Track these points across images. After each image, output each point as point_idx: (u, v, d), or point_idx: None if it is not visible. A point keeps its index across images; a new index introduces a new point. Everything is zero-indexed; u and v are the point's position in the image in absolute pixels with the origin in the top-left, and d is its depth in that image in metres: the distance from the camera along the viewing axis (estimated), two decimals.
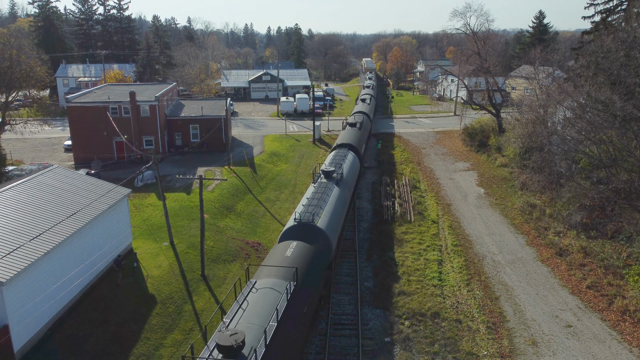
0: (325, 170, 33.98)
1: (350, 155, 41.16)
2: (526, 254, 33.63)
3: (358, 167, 42.43)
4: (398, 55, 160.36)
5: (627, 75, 31.04)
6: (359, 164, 43.28)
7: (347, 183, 35.40)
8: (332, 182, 33.14)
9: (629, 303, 26.40)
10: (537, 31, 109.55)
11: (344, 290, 29.16)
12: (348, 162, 39.19)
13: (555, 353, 23.28)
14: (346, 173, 36.42)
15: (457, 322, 25.82)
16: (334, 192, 31.83)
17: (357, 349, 23.78)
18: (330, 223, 27.75)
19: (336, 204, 30.71)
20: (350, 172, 37.99)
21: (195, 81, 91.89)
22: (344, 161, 38.56)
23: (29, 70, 52.73)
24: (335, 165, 36.73)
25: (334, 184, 32.80)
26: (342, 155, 39.98)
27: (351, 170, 38.55)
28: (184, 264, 30.63)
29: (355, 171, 40.56)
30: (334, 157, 39.92)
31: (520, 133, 45.28)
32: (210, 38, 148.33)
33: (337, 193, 32.14)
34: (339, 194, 32.37)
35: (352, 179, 38.07)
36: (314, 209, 27.84)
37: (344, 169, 36.56)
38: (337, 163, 37.70)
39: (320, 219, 27.01)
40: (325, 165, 37.80)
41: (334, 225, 28.27)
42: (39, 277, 22.30)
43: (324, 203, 29.36)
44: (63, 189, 28.35)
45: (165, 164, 51.62)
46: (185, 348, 23.76)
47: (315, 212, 27.51)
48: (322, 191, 31.10)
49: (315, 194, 30.68)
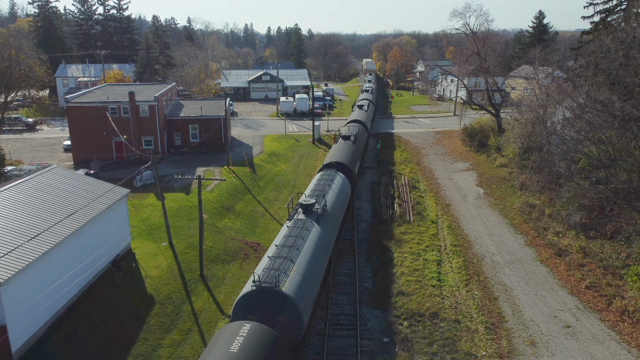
0: (303, 204, 27.39)
1: (338, 178, 34.86)
2: (525, 254, 33.61)
3: (348, 193, 35.53)
4: (398, 55, 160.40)
5: (625, 75, 31.02)
6: (350, 190, 36.35)
7: (332, 218, 29.15)
8: (312, 218, 26.86)
9: (628, 303, 26.37)
10: (537, 31, 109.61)
11: (342, 291, 29.13)
12: (335, 188, 32.90)
13: (554, 353, 23.25)
14: (331, 204, 30.10)
15: (456, 323, 25.80)
16: (312, 233, 25.49)
17: (356, 350, 23.76)
18: (304, 284, 21.50)
19: (315, 252, 24.30)
20: (337, 203, 31.55)
21: (195, 81, 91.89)
22: (330, 187, 32.37)
23: (28, 70, 52.75)
24: (318, 195, 30.17)
25: (313, 222, 26.53)
26: (329, 179, 33.73)
27: (338, 199, 32.11)
28: (183, 264, 30.61)
29: (344, 200, 33.66)
30: (319, 182, 33.41)
31: (519, 133, 45.28)
32: (210, 38, 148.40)
33: (318, 235, 25.82)
34: (320, 235, 26.01)
35: (340, 212, 31.52)
36: (281, 264, 21.62)
37: (328, 200, 30.21)
38: (321, 191, 31.40)
39: (289, 278, 20.94)
40: (305, 195, 30.46)
41: (309, 286, 22.05)
42: (37, 277, 22.27)
43: (297, 252, 23.04)
44: (62, 189, 28.32)
45: (164, 164, 51.60)
46: (184, 348, 23.75)
47: (284, 268, 21.30)
48: (297, 233, 24.78)
49: (287, 239, 24.12)
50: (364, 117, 58.54)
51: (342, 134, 45.59)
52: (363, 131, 51.85)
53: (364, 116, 58.68)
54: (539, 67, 56.87)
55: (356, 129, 48.67)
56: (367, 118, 60.44)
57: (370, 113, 66.99)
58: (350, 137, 44.40)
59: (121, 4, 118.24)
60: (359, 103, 68.52)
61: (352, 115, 60.16)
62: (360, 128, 50.91)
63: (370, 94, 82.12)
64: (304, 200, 27.97)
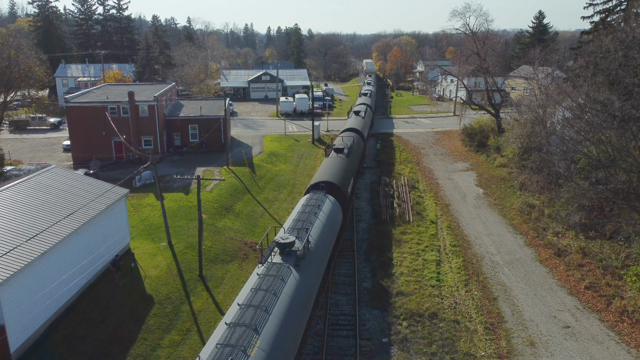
0: (281, 242, 21.47)
1: (327, 203, 29.05)
2: (525, 254, 33.59)
3: (339, 221, 29.81)
4: (398, 55, 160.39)
5: (625, 75, 31.02)
6: (342, 216, 30.64)
7: (317, 259, 23.34)
8: (291, 261, 20.95)
9: (628, 304, 26.35)
10: (537, 31, 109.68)
11: (342, 291, 29.11)
12: (323, 216, 27.01)
13: (553, 354, 23.24)
14: (317, 240, 24.34)
15: (455, 323, 25.78)
16: (289, 284, 19.63)
17: (355, 350, 23.74)
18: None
19: (290, 312, 18.49)
20: (325, 237, 25.69)
21: (195, 81, 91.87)
22: (317, 216, 26.49)
23: (28, 70, 52.72)
24: (300, 228, 24.19)
25: (291, 267, 20.61)
26: (315, 205, 27.82)
27: (326, 232, 26.17)
28: (182, 264, 30.59)
29: (333, 231, 27.67)
30: (303, 208, 27.39)
31: (519, 133, 45.26)
32: (210, 38, 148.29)
33: (296, 285, 19.94)
34: (298, 286, 20.10)
35: (326, 248, 25.49)
36: (241, 336, 15.72)
37: (312, 234, 24.32)
38: (305, 222, 25.33)
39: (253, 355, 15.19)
40: (284, 229, 24.56)
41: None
42: (36, 277, 22.26)
43: (266, 316, 17.18)
44: (61, 189, 28.30)
45: (164, 164, 51.58)
46: (182, 348, 23.74)
47: (244, 344, 15.37)
48: (269, 285, 18.93)
49: (254, 295, 18.30)
50: (361, 124, 52.63)
51: (335, 147, 39.90)
52: (359, 142, 46.16)
53: (360, 124, 52.75)
54: (538, 67, 56.87)
55: (351, 140, 43.16)
56: (364, 126, 54.29)
57: (368, 120, 60.55)
58: (343, 150, 38.82)
59: (121, 3, 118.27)
60: (356, 109, 62.49)
61: (347, 122, 54.30)
62: (355, 138, 45.23)
63: (368, 98, 75.78)
64: (282, 237, 21.81)
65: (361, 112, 58.92)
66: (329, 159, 37.38)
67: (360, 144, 46.42)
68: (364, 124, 54.48)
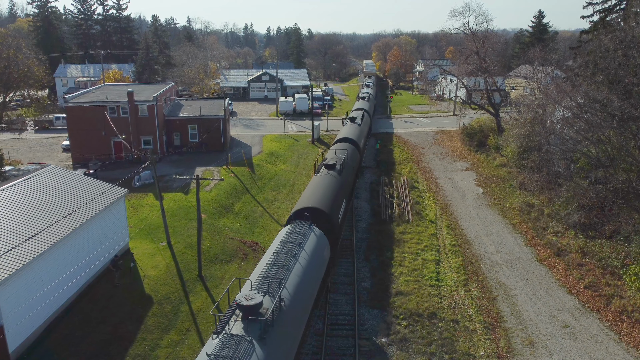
0: (244, 305, 16.31)
1: (312, 237, 24.28)
2: (524, 253, 33.56)
3: (326, 259, 24.94)
4: (397, 55, 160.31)
5: (624, 74, 31.00)
6: (329, 252, 25.75)
7: (292, 324, 18.34)
8: (254, 333, 15.86)
9: (627, 303, 26.33)
10: (537, 31, 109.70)
11: (341, 291, 29.09)
12: (305, 257, 22.12)
13: (553, 353, 23.22)
14: (293, 294, 19.24)
15: (454, 323, 25.76)
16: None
17: (354, 350, 23.72)
18: None
19: None
20: (305, 288, 20.62)
21: (194, 81, 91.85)
22: (296, 259, 21.45)
23: (27, 70, 52.72)
24: (273, 280, 19.07)
25: (255, 341, 15.52)
26: (297, 241, 22.97)
27: (308, 280, 21.20)
28: (181, 264, 30.57)
29: (317, 275, 22.73)
30: (282, 247, 22.37)
31: (518, 133, 45.25)
32: (210, 38, 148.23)
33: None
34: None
35: (307, 304, 20.56)
36: None
37: (288, 288, 19.23)
38: (280, 267, 20.33)
39: None
40: (251, 283, 18.94)
41: None
42: (35, 277, 22.24)
43: None
44: (60, 189, 28.28)
45: (163, 164, 51.56)
46: (181, 348, 23.72)
47: None
48: None
49: None
50: (356, 133, 47.16)
51: (326, 162, 34.87)
52: (354, 154, 41.20)
53: (356, 132, 47.42)
54: (538, 67, 56.85)
55: (344, 153, 38.21)
56: (360, 134, 48.50)
57: (365, 127, 54.37)
58: (335, 166, 34.10)
59: (120, 3, 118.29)
60: (352, 114, 57.50)
61: (342, 131, 48.80)
62: (350, 151, 40.32)
63: (366, 102, 70.04)
64: (246, 296, 16.76)
65: (357, 118, 53.55)
66: (318, 178, 32.72)
67: (356, 156, 41.98)
68: (360, 133, 48.99)
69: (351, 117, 54.57)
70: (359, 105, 66.25)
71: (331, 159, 36.11)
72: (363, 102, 70.47)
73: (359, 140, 45.76)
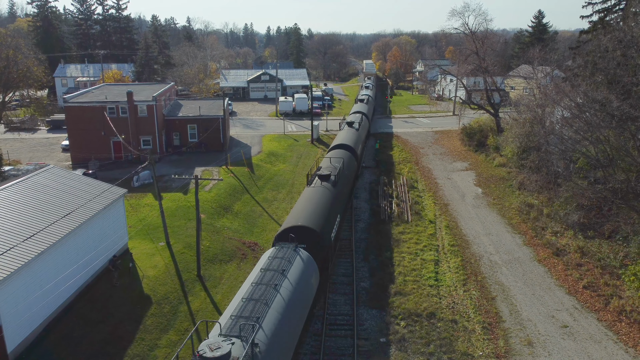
0: (207, 358, 14.27)
1: (297, 262, 21.74)
2: (523, 254, 33.56)
3: (313, 289, 22.47)
4: (397, 55, 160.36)
5: (623, 74, 31.00)
6: (317, 280, 23.10)
7: None
8: None
9: (626, 303, 26.33)
10: (536, 31, 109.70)
11: (340, 291, 29.08)
12: (288, 288, 19.61)
13: (551, 353, 23.21)
14: (271, 336, 16.71)
15: (453, 323, 25.76)
16: None
17: (353, 350, 23.72)
18: None
19: None
20: (284, 328, 17.85)
21: (194, 81, 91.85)
22: (277, 290, 19.03)
23: (26, 70, 52.69)
24: (253, 309, 17.32)
25: None
26: (279, 269, 20.53)
27: (291, 315, 18.69)
28: (180, 264, 30.57)
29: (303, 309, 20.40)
30: (260, 277, 19.94)
31: (517, 133, 45.23)
32: (210, 38, 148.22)
33: None
34: None
35: (290, 342, 18.23)
36: None
37: (265, 326, 16.85)
38: (258, 302, 17.82)
39: None
40: (220, 325, 16.70)
41: None
42: (33, 277, 22.23)
43: None
44: (58, 189, 28.27)
45: (163, 164, 51.56)
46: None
47: None
48: None
49: None
50: (354, 139, 44.11)
51: (319, 173, 32.43)
52: (350, 162, 38.68)
53: (353, 138, 44.22)
54: (537, 67, 56.83)
55: (340, 162, 35.70)
56: (358, 140, 45.33)
57: (363, 132, 51.20)
58: (329, 177, 31.57)
59: (120, 3, 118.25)
60: (350, 118, 54.45)
61: (338, 137, 45.93)
62: (346, 158, 37.70)
63: (365, 105, 67.49)
64: (210, 346, 14.60)
65: (355, 122, 50.24)
66: (310, 191, 30.30)
67: (352, 163, 39.34)
68: (358, 138, 45.96)
69: (348, 121, 51.84)
70: (357, 109, 63.32)
71: (325, 168, 33.45)
72: (361, 104, 67.70)
73: (356, 146, 43.10)
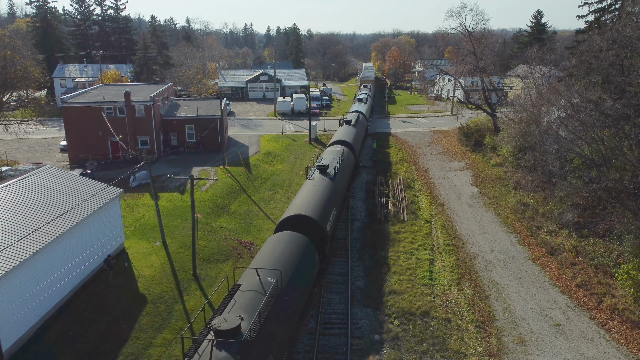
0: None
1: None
2: (518, 253, 33.69)
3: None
4: (396, 55, 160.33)
5: (616, 74, 31.14)
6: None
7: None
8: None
9: (618, 302, 26.47)
10: (535, 30, 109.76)
11: (335, 290, 29.22)
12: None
13: (543, 352, 23.36)
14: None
15: (446, 321, 25.90)
16: None
17: (346, 348, 23.86)
18: None
19: None
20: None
21: (193, 81, 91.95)
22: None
23: (24, 70, 52.81)
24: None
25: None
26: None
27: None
28: (176, 264, 30.71)
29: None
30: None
31: (513, 132, 45.37)
32: (209, 38, 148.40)
33: None
34: None
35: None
36: None
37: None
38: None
39: None
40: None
41: None
42: (28, 276, 22.38)
43: None
44: (55, 189, 28.42)
45: (160, 164, 51.70)
46: (175, 347, 23.86)
47: None
48: None
49: None
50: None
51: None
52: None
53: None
54: (535, 67, 56.93)
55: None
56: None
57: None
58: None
59: (118, 4, 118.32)
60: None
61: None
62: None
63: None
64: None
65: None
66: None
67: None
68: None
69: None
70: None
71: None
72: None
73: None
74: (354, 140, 43.65)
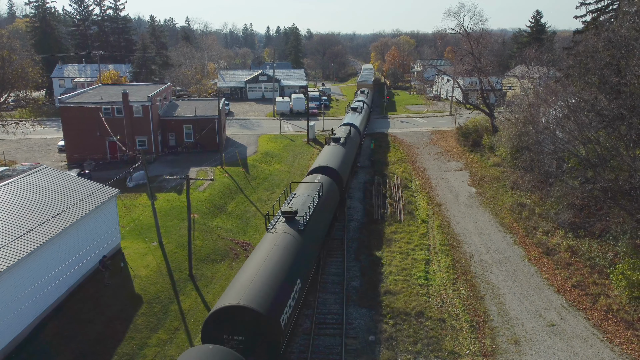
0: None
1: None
2: (514, 253, 33.73)
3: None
4: (395, 55, 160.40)
5: (611, 74, 31.17)
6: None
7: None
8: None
9: (613, 302, 26.51)
10: (534, 31, 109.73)
11: (330, 290, 29.25)
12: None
13: (537, 352, 23.40)
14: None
15: (441, 322, 25.94)
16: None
17: (341, 348, 23.90)
18: None
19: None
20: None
21: (192, 81, 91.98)
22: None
23: (21, 71, 52.85)
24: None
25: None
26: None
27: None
28: (172, 264, 30.76)
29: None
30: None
31: (510, 133, 45.39)
32: (208, 38, 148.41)
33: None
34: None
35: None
36: None
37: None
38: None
39: None
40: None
41: None
42: (23, 276, 22.41)
43: None
44: (51, 190, 28.46)
45: (158, 164, 51.75)
46: (170, 347, 23.90)
47: None
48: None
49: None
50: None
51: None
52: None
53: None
54: (533, 67, 56.94)
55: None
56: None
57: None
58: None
59: (117, 4, 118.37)
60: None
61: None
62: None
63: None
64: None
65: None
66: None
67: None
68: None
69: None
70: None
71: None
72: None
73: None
74: (340, 166, 36.10)
